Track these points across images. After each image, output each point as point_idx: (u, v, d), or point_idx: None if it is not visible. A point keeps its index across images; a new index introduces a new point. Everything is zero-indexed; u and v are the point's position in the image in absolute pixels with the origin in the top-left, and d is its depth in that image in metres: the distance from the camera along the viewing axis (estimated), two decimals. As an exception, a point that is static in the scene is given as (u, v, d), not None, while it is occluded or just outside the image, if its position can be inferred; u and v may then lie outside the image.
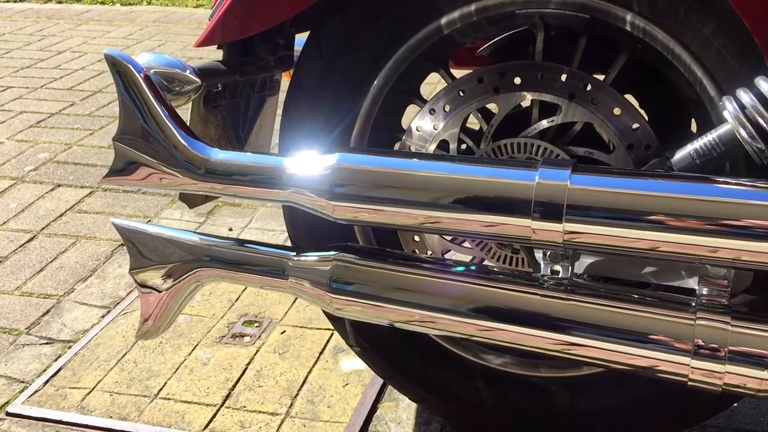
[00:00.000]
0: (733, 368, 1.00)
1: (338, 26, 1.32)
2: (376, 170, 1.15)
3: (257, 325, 2.03)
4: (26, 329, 2.05)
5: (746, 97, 1.06)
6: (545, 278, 1.13)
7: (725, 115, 1.08)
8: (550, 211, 1.04)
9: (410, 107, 1.45)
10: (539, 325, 1.10)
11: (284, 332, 2.00)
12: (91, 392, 1.80)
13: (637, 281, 1.20)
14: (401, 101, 1.43)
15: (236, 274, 1.26)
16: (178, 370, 1.87)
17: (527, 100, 1.31)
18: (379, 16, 1.30)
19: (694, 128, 1.40)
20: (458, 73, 1.42)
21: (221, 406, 1.75)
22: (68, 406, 1.76)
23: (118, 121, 1.25)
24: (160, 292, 1.31)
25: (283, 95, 1.43)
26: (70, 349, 1.96)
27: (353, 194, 1.14)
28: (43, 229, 2.58)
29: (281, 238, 2.46)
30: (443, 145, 1.34)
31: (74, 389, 1.81)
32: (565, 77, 1.26)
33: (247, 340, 1.98)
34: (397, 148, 1.43)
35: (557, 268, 1.14)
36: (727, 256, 1.00)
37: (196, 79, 1.30)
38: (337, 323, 1.50)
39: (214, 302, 2.13)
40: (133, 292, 2.19)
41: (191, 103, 1.36)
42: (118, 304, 2.15)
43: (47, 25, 5.41)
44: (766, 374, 1.00)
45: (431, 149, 1.34)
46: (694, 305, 1.06)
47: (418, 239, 1.42)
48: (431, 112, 1.34)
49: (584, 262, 1.19)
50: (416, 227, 1.14)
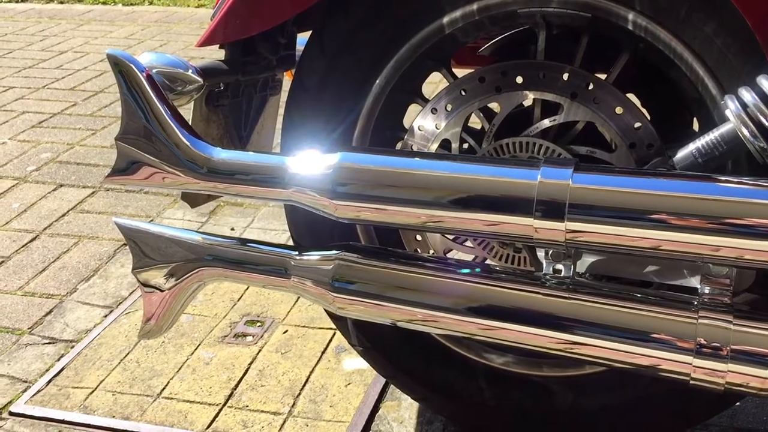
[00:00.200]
0: (735, 367, 1.00)
1: (340, 25, 1.32)
2: (378, 169, 1.15)
3: (259, 324, 2.04)
4: (29, 329, 2.05)
5: (748, 95, 1.06)
6: (547, 277, 1.13)
7: (727, 114, 1.08)
8: (552, 210, 1.04)
9: (412, 106, 1.45)
10: (541, 324, 1.10)
11: (286, 332, 2.00)
12: (93, 392, 1.80)
13: (639, 280, 1.20)
14: (403, 100, 1.43)
15: (239, 273, 1.26)
16: (180, 369, 1.87)
17: (529, 99, 1.31)
18: (380, 15, 1.30)
19: (696, 127, 1.40)
20: (460, 72, 1.42)
21: (224, 405, 1.75)
22: (71, 405, 1.76)
23: (120, 120, 1.25)
24: (162, 291, 1.31)
25: (285, 95, 1.43)
26: (72, 348, 1.96)
27: (355, 193, 1.14)
28: (45, 228, 2.58)
29: (283, 237, 2.46)
30: (445, 144, 1.34)
31: (77, 389, 1.81)
32: (567, 76, 1.26)
33: (249, 339, 1.98)
34: (399, 147, 1.43)
35: (559, 267, 1.14)
36: (729, 254, 1.00)
37: (198, 78, 1.30)
38: (339, 322, 1.50)
39: (216, 302, 2.13)
40: (135, 291, 2.19)
41: (193, 102, 1.37)
42: (120, 303, 2.15)
43: (49, 25, 5.41)
44: (768, 373, 1.00)
45: (433, 148, 1.34)
46: (696, 304, 1.06)
47: (420, 238, 1.42)
48: (433, 111, 1.34)
49: (586, 260, 1.19)
50: (418, 226, 1.14)
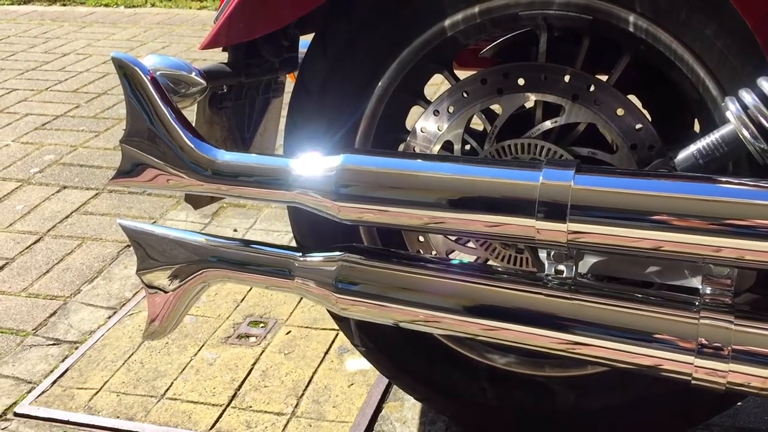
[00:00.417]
0: (736, 367, 1.01)
1: (342, 28, 1.33)
2: (380, 171, 1.15)
3: (263, 325, 2.04)
4: (33, 330, 2.06)
5: (748, 97, 1.06)
6: (549, 278, 1.14)
7: (728, 115, 1.09)
8: (554, 211, 1.05)
9: (414, 108, 1.46)
10: (543, 324, 1.10)
11: (290, 332, 2.01)
12: (98, 393, 1.81)
13: (640, 281, 1.21)
14: (405, 102, 1.43)
15: (242, 274, 1.27)
16: (184, 370, 1.88)
17: (531, 101, 1.31)
18: (382, 17, 1.31)
19: (697, 128, 1.40)
20: (462, 74, 1.42)
21: (227, 406, 1.76)
22: (75, 406, 1.77)
23: (125, 123, 1.26)
24: (166, 292, 1.32)
25: (287, 97, 1.44)
26: (77, 349, 1.97)
27: (358, 195, 1.15)
28: (49, 230, 2.59)
29: (286, 239, 2.46)
30: (447, 146, 1.34)
31: (81, 390, 1.82)
32: (568, 78, 1.27)
33: (252, 340, 1.99)
34: (401, 149, 1.43)
35: (561, 267, 1.14)
36: (730, 255, 1.01)
37: (201, 81, 1.31)
38: (342, 323, 1.51)
39: (219, 303, 2.14)
40: (139, 293, 2.20)
41: (197, 104, 1.37)
42: (124, 305, 2.16)
43: (52, 27, 5.43)
44: (769, 373, 1.00)
45: (435, 150, 1.35)
46: (697, 304, 1.06)
47: (422, 239, 1.42)
48: (435, 113, 1.34)
49: (588, 261, 1.20)
50: (421, 227, 1.15)
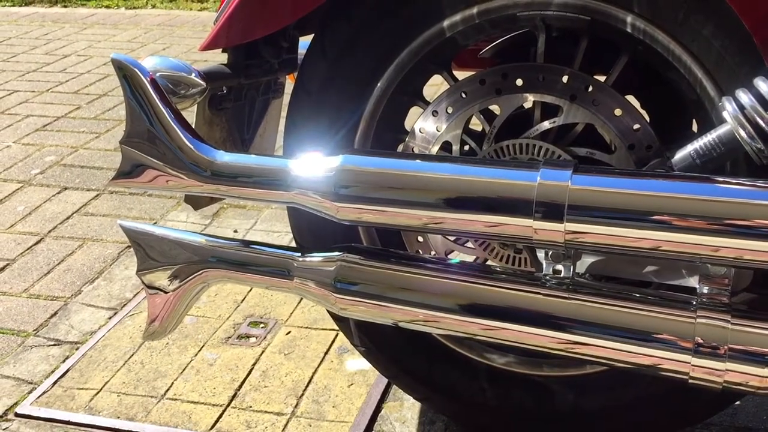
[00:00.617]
0: (733, 366, 1.01)
1: (342, 29, 1.33)
2: (379, 172, 1.16)
3: (263, 326, 2.05)
4: (34, 331, 2.07)
5: (745, 97, 1.06)
6: (547, 278, 1.14)
7: (725, 115, 1.09)
8: (551, 211, 1.05)
9: (413, 109, 1.46)
10: (541, 324, 1.11)
11: (289, 333, 2.01)
12: (98, 393, 1.81)
13: (638, 280, 1.21)
14: (404, 103, 1.44)
15: (242, 274, 1.28)
16: (184, 370, 1.88)
17: (529, 101, 1.32)
18: (381, 18, 1.31)
19: (695, 128, 1.41)
20: (461, 75, 1.43)
21: (227, 406, 1.76)
22: (76, 406, 1.77)
23: (124, 124, 1.26)
24: (166, 293, 1.32)
25: (287, 98, 1.44)
26: (77, 350, 1.98)
27: (357, 195, 1.15)
28: (50, 231, 2.60)
29: (286, 239, 2.47)
30: (446, 146, 1.35)
31: (82, 390, 1.83)
32: (566, 79, 1.27)
33: (252, 340, 1.99)
34: (400, 149, 1.44)
35: (559, 267, 1.15)
36: (727, 255, 1.01)
37: (201, 82, 1.32)
38: (341, 323, 1.51)
39: (220, 303, 2.15)
40: (139, 293, 2.20)
41: (197, 106, 1.38)
42: (124, 305, 2.16)
43: (53, 29, 5.44)
44: (766, 372, 1.01)
45: (434, 151, 1.35)
46: (694, 304, 1.06)
47: (421, 240, 1.43)
48: (434, 113, 1.35)
49: (586, 261, 1.20)
50: (419, 228, 1.15)
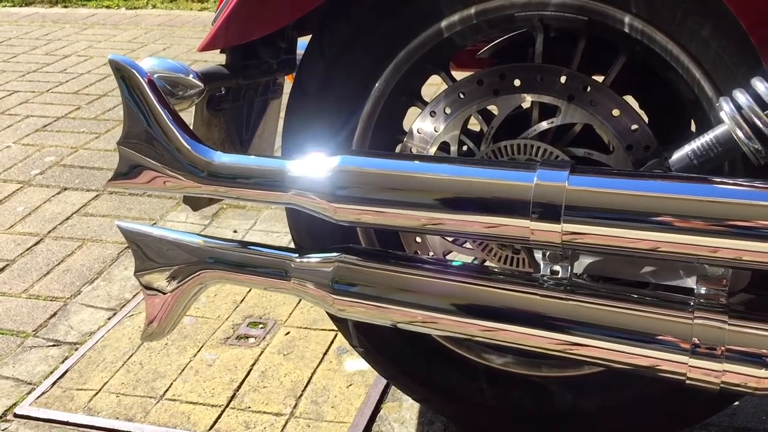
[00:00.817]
0: (730, 367, 1.01)
1: (340, 30, 1.33)
2: (377, 172, 1.16)
3: (262, 326, 2.05)
4: (33, 331, 2.07)
5: (743, 97, 1.06)
6: (545, 278, 1.14)
7: (722, 115, 1.09)
8: (548, 212, 1.05)
9: (411, 109, 1.46)
10: (539, 324, 1.11)
11: (288, 333, 2.01)
12: (97, 394, 1.81)
13: (635, 281, 1.21)
14: (403, 104, 1.44)
15: (239, 275, 1.27)
16: (183, 371, 1.88)
17: (527, 101, 1.32)
18: (379, 19, 1.31)
19: (694, 129, 1.40)
20: (460, 75, 1.43)
21: (226, 406, 1.76)
22: (75, 407, 1.77)
23: (122, 125, 1.26)
24: (164, 294, 1.32)
25: (286, 98, 1.44)
26: (76, 351, 1.98)
27: (355, 196, 1.15)
28: (49, 232, 2.60)
29: (285, 239, 2.47)
30: (444, 147, 1.35)
31: (81, 391, 1.83)
32: (564, 79, 1.27)
33: (251, 341, 1.99)
34: (398, 150, 1.44)
35: (557, 268, 1.14)
36: (725, 256, 1.01)
37: (199, 83, 1.32)
38: (340, 324, 1.51)
39: (219, 304, 2.15)
40: (138, 294, 2.20)
41: (194, 107, 1.38)
42: (124, 306, 2.16)
43: (53, 29, 5.44)
44: (763, 372, 1.00)
45: (432, 151, 1.35)
46: (692, 305, 1.06)
47: (419, 240, 1.43)
48: (432, 114, 1.35)
49: (583, 262, 1.20)
50: (417, 229, 1.15)
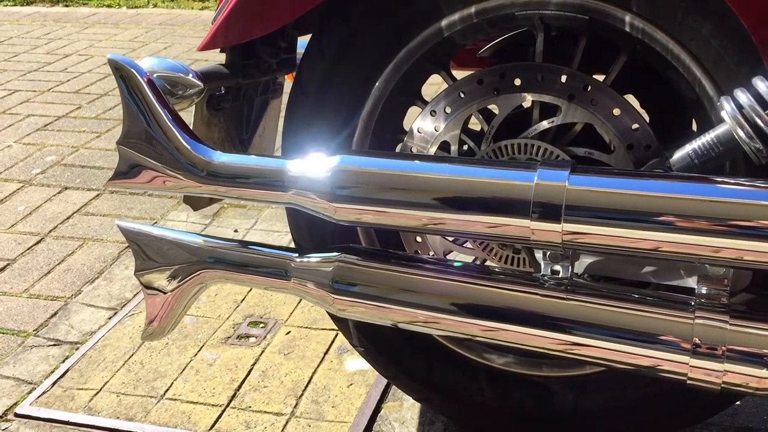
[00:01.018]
0: (731, 367, 1.01)
1: (340, 29, 1.33)
2: (377, 172, 1.16)
3: (262, 326, 2.05)
4: (34, 331, 2.07)
5: (744, 97, 1.06)
6: (545, 278, 1.14)
7: (723, 115, 1.08)
8: (548, 211, 1.05)
9: (412, 109, 1.46)
10: (540, 324, 1.11)
11: (289, 333, 2.01)
12: (98, 393, 1.81)
13: (636, 281, 1.21)
14: (403, 103, 1.44)
15: (239, 275, 1.27)
16: (184, 370, 1.88)
17: (528, 101, 1.31)
18: (380, 18, 1.31)
19: (695, 128, 1.40)
20: (460, 74, 1.43)
21: (227, 406, 1.76)
22: (76, 407, 1.77)
23: (122, 124, 1.26)
24: (165, 293, 1.32)
25: (286, 97, 1.44)
26: (77, 350, 1.98)
27: (354, 196, 1.15)
28: (50, 231, 2.60)
29: (286, 239, 2.47)
30: (444, 146, 1.34)
31: (82, 390, 1.83)
32: (564, 78, 1.27)
33: (252, 340, 1.99)
34: (398, 149, 1.44)
35: (557, 268, 1.14)
36: (726, 255, 1.00)
37: (198, 82, 1.31)
38: (340, 324, 1.51)
39: (219, 303, 2.14)
40: (139, 293, 2.20)
41: (194, 106, 1.38)
42: (124, 305, 2.16)
43: (54, 28, 5.44)
44: (764, 372, 1.00)
45: (432, 151, 1.35)
46: (693, 304, 1.06)
47: (419, 240, 1.42)
48: (432, 113, 1.35)
49: (584, 261, 1.20)
50: (417, 228, 1.15)
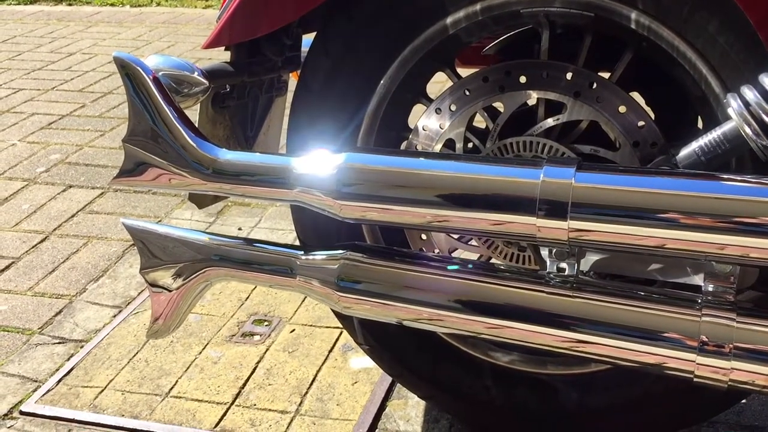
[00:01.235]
0: (738, 364, 1.00)
1: (344, 26, 1.33)
2: (382, 169, 1.15)
3: (267, 323, 2.05)
4: (39, 329, 2.07)
5: (750, 94, 1.06)
6: (551, 276, 1.13)
7: (729, 112, 1.08)
8: (554, 209, 1.05)
9: (417, 106, 1.45)
10: (545, 322, 1.10)
11: (294, 331, 2.01)
12: (103, 391, 1.81)
13: (642, 278, 1.21)
14: (408, 100, 1.43)
15: (245, 273, 1.27)
16: (189, 368, 1.88)
17: (533, 98, 1.31)
18: (384, 16, 1.31)
19: (701, 125, 1.40)
20: (465, 72, 1.42)
21: (231, 404, 1.76)
22: (81, 404, 1.78)
23: (127, 122, 1.26)
24: (170, 291, 1.32)
25: (291, 95, 1.44)
26: (82, 348, 1.98)
27: (360, 193, 1.15)
28: (55, 229, 2.60)
29: (290, 237, 2.47)
30: (449, 144, 1.34)
31: (87, 388, 1.83)
32: (570, 75, 1.27)
33: (257, 338, 1.99)
34: (403, 147, 1.43)
35: (563, 265, 1.14)
36: (732, 253, 1.00)
37: (203, 80, 1.31)
38: (345, 321, 1.51)
39: (224, 301, 2.15)
40: (144, 291, 2.20)
41: (199, 104, 1.38)
42: (129, 303, 2.16)
43: (58, 27, 5.44)
44: (771, 370, 1.00)
45: (437, 148, 1.35)
46: (699, 302, 1.06)
47: (425, 238, 1.42)
48: (437, 111, 1.34)
49: (590, 259, 1.20)
50: (423, 226, 1.15)
